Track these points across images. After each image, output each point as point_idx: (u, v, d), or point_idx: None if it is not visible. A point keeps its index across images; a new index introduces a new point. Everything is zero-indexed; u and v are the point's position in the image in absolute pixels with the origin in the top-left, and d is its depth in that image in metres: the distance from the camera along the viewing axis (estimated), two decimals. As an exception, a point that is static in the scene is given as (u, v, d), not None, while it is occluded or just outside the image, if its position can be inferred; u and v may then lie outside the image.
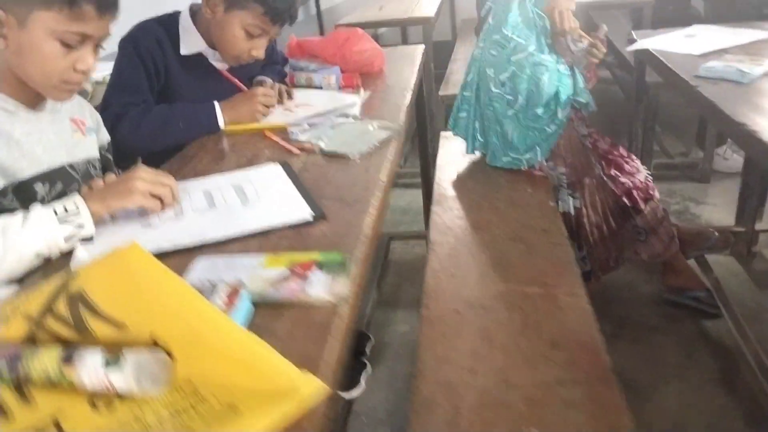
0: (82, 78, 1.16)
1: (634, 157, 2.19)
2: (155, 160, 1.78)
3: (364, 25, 3.34)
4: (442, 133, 2.30)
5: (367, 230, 1.03)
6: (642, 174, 2.14)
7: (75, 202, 1.05)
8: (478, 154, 2.17)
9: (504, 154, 2.10)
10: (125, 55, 1.59)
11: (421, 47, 2.43)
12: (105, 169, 1.40)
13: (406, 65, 2.20)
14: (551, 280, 1.55)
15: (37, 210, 1.02)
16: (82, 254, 1.00)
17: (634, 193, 2.11)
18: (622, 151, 2.20)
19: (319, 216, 1.08)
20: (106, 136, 1.43)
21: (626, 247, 2.20)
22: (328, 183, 1.24)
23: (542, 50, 1.96)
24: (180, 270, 0.88)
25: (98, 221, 1.06)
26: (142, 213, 1.12)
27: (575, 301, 1.46)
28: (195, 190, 1.23)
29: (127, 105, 1.55)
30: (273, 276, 0.85)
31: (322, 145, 1.41)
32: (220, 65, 1.70)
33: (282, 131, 1.56)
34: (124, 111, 1.54)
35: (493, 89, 1.96)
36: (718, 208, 2.86)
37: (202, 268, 0.91)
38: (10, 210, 1.14)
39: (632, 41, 2.26)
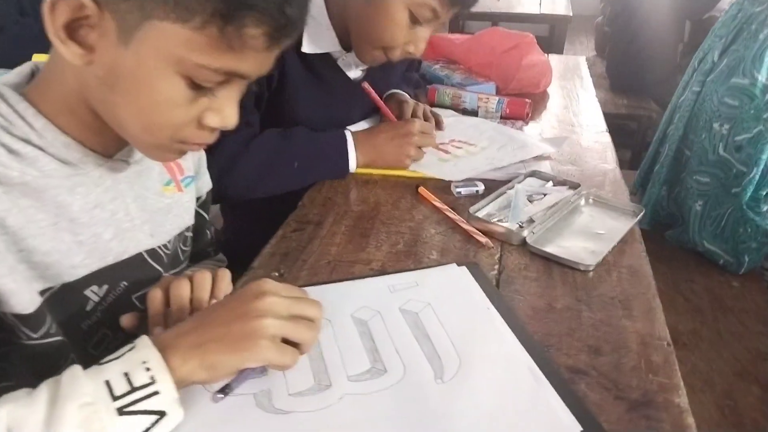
0: (211, 138, 0.65)
1: None
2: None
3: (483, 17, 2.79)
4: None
5: None
6: None
7: (146, 362, 0.52)
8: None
9: (698, 242, 1.53)
10: None
11: (582, 59, 1.86)
12: (195, 232, 0.86)
13: (574, 86, 1.63)
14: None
15: (74, 388, 0.50)
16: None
17: None
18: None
19: None
20: (207, 184, 0.89)
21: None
22: (557, 326, 0.71)
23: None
24: None
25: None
26: (258, 370, 0.60)
27: None
28: (338, 315, 0.70)
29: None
30: None
31: (526, 235, 0.87)
32: (353, 73, 1.16)
33: (440, 186, 1.03)
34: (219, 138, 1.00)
35: (722, 152, 1.40)
36: None
37: None
38: (33, 350, 0.63)
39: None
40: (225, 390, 0.57)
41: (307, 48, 1.06)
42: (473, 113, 1.35)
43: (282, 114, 1.10)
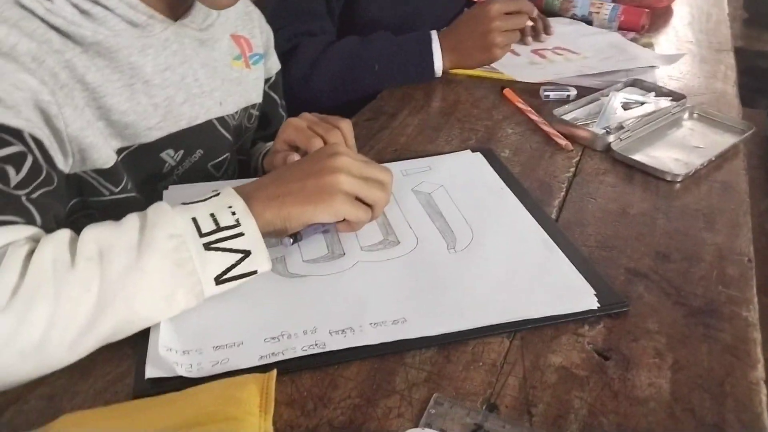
0: None
1: None
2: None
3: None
4: None
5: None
6: None
7: (231, 207, 0.53)
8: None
9: None
10: None
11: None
12: (264, 117, 0.88)
13: (705, 3, 1.46)
14: None
15: (163, 219, 0.51)
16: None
17: None
18: None
19: (617, 304, 0.54)
20: (276, 64, 0.90)
21: None
22: (626, 230, 0.65)
23: None
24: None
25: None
26: (317, 228, 0.61)
27: None
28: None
29: (296, 36, 1.00)
30: None
31: (612, 141, 0.80)
32: None
33: (529, 89, 0.97)
34: (292, 45, 0.99)
35: None
36: None
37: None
38: (113, 205, 0.67)
39: None
40: (296, 237, 0.59)
41: None
42: (584, 21, 1.25)
43: (357, 23, 1.07)
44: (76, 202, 0.66)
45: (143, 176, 0.70)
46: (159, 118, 0.68)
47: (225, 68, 0.76)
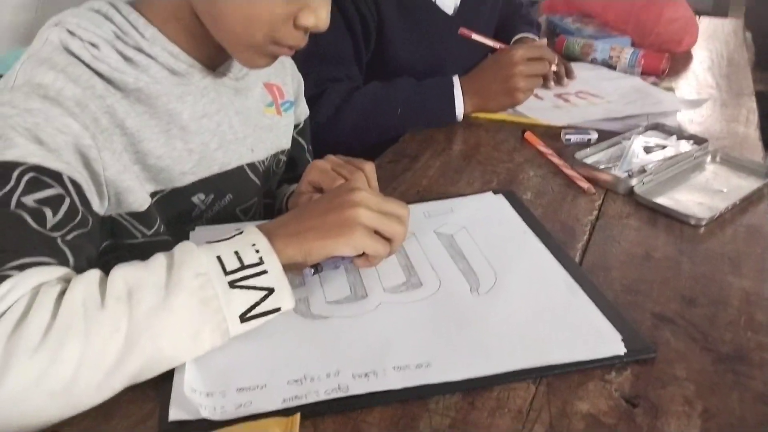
0: (303, 40, 0.66)
1: None
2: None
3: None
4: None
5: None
6: None
7: (255, 244, 0.54)
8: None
9: None
10: None
11: (739, 22, 1.68)
12: (291, 161, 0.89)
13: (726, 49, 1.47)
14: None
15: (189, 258, 0.52)
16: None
17: None
18: None
19: (644, 350, 0.53)
20: (305, 111, 0.92)
21: None
22: (651, 274, 0.65)
23: None
24: None
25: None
26: (347, 260, 0.62)
27: None
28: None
29: (324, 81, 1.03)
30: None
31: (635, 184, 0.80)
32: (449, 7, 1.12)
33: (549, 133, 0.97)
34: (319, 90, 1.02)
35: None
36: None
37: None
38: (145, 247, 0.68)
39: None
40: (316, 267, 0.60)
41: None
42: (605, 66, 1.27)
43: (386, 68, 1.10)
44: (108, 243, 0.67)
45: (173, 219, 0.71)
46: (193, 164, 0.70)
47: (258, 115, 0.78)
